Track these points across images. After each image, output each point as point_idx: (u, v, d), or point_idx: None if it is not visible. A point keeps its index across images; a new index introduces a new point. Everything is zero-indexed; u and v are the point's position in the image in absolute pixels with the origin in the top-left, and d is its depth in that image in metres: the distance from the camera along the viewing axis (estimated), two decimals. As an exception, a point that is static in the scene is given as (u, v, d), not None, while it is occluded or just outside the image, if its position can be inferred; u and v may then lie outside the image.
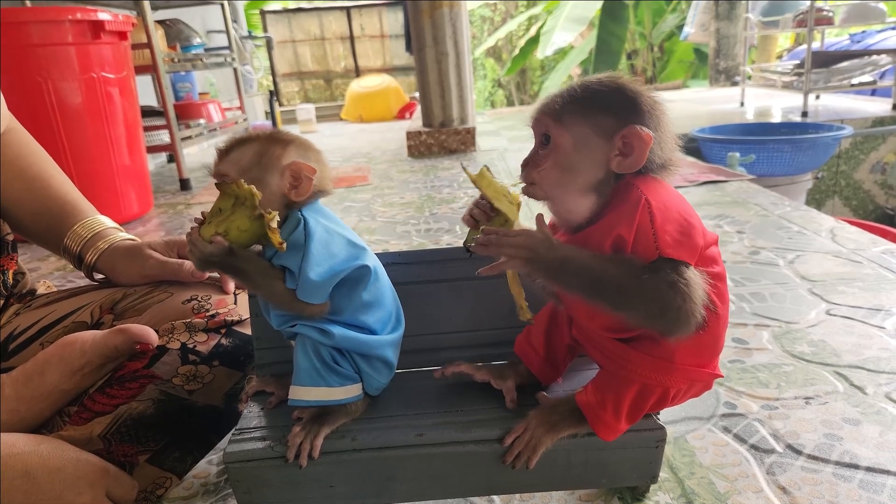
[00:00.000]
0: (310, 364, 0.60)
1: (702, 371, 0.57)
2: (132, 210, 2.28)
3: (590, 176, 0.53)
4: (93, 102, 2.06)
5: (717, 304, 0.54)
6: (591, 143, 0.53)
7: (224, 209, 0.57)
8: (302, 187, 0.59)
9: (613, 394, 0.58)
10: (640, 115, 0.53)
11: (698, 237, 0.52)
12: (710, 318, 0.52)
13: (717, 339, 0.57)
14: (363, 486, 0.62)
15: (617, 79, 0.54)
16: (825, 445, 0.75)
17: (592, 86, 0.54)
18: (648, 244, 0.50)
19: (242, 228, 0.56)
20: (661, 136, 0.53)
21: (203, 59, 3.29)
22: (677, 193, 0.56)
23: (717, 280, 0.55)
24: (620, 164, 0.52)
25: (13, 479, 0.55)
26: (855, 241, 1.47)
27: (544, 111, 0.55)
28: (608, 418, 0.58)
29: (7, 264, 0.78)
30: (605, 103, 0.53)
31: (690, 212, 0.54)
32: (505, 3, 11.34)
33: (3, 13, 1.96)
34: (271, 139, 0.61)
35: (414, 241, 1.76)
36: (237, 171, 0.59)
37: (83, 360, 0.65)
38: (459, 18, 3.17)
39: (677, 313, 0.49)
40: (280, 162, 0.59)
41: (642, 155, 0.52)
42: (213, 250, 0.56)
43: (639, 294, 0.49)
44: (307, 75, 6.88)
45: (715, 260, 0.55)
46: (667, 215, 0.51)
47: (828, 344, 0.99)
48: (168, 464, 0.67)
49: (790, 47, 6.21)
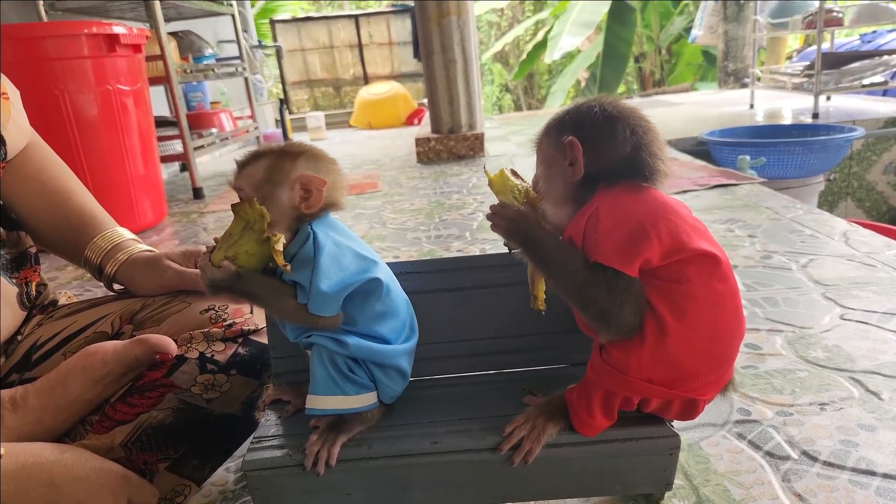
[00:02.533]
0: (326, 373, 0.61)
1: (663, 390, 0.56)
2: (146, 219, 2.31)
3: (558, 188, 0.60)
4: (108, 114, 2.09)
5: (665, 320, 0.53)
6: (550, 158, 0.60)
7: (234, 234, 0.58)
8: (312, 199, 0.59)
9: (586, 394, 0.60)
10: (584, 126, 0.58)
11: (647, 247, 0.53)
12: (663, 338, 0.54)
13: (678, 359, 0.55)
14: (379, 493, 0.63)
15: (584, 101, 0.60)
16: (841, 452, 0.74)
17: (564, 110, 0.61)
18: (591, 247, 0.55)
19: (251, 252, 0.58)
20: (615, 142, 0.57)
21: (215, 69, 3.33)
22: (664, 206, 0.56)
23: (678, 297, 0.54)
24: (573, 174, 0.58)
25: (38, 487, 0.56)
26: (869, 244, 1.46)
27: (533, 142, 0.64)
28: (583, 415, 0.60)
29: (30, 276, 0.80)
30: (564, 123, 0.59)
31: (661, 221, 0.54)
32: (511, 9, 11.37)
33: (21, 29, 2.00)
34: (282, 152, 0.62)
35: (424, 247, 1.77)
36: (250, 185, 0.60)
37: (105, 370, 0.66)
38: (467, 25, 3.18)
39: (600, 313, 0.54)
40: (290, 175, 0.60)
41: (579, 162, 0.57)
42: (220, 275, 0.57)
43: (572, 284, 0.55)
44: (316, 83, 6.93)
45: (685, 277, 0.54)
46: (618, 224, 0.55)
47: (842, 349, 0.99)
48: (187, 472, 0.69)
49: (800, 48, 6.17)
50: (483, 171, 0.67)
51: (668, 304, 0.54)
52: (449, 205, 2.28)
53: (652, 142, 0.58)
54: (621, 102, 0.59)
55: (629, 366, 0.56)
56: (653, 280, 0.54)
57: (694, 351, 0.55)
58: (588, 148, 0.57)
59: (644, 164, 0.57)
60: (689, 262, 0.54)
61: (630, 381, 0.56)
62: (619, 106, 0.59)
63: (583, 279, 0.54)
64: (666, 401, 0.58)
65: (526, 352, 0.73)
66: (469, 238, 1.83)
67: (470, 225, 1.97)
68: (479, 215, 2.08)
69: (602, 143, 0.57)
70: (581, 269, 0.55)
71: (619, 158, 0.57)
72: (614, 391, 0.58)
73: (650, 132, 0.58)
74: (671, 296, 0.54)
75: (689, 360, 0.55)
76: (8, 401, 0.64)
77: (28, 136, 0.85)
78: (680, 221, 0.55)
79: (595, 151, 0.57)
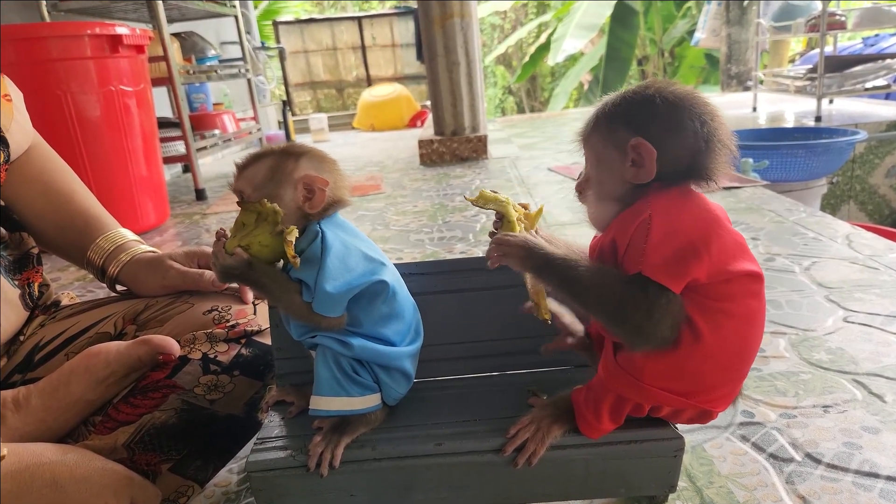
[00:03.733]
0: (330, 374, 0.61)
1: (676, 398, 0.56)
2: (149, 220, 2.31)
3: (611, 188, 0.56)
4: (111, 115, 2.10)
5: (704, 337, 0.52)
6: (606, 156, 0.56)
7: (247, 224, 0.58)
8: (315, 199, 0.60)
9: (595, 397, 0.59)
10: (651, 123, 0.53)
11: (696, 266, 0.51)
12: (687, 348, 0.53)
13: (700, 372, 0.55)
14: (383, 495, 0.63)
15: (644, 87, 0.55)
16: (845, 454, 0.74)
17: (616, 100, 0.56)
18: (635, 257, 0.52)
19: (264, 243, 0.58)
20: (685, 141, 0.53)
21: (217, 70, 3.34)
22: (713, 216, 0.54)
23: (718, 315, 0.53)
24: (636, 175, 0.54)
25: (41, 488, 0.56)
26: (871, 247, 1.46)
27: (581, 132, 0.59)
28: (590, 418, 0.60)
29: (33, 277, 0.80)
30: (619, 116, 0.55)
31: (711, 238, 0.52)
32: (515, 11, 11.39)
33: (23, 29, 2.00)
34: (284, 153, 0.62)
35: (427, 249, 1.77)
36: (252, 187, 0.60)
37: (108, 371, 0.66)
38: (470, 28, 3.19)
39: (634, 328, 0.52)
40: (293, 175, 0.60)
41: (651, 166, 0.53)
42: (233, 262, 0.58)
43: (602, 301, 0.53)
44: (319, 85, 6.95)
45: (728, 296, 0.53)
46: (669, 236, 0.51)
47: (846, 352, 0.99)
48: (190, 472, 0.69)
49: (802, 51, 6.17)
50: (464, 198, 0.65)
51: (707, 319, 0.52)
52: (452, 207, 2.28)
53: (723, 134, 0.54)
54: (681, 88, 0.54)
55: (647, 373, 0.55)
56: (694, 295, 0.52)
57: (718, 365, 0.55)
58: (655, 147, 0.53)
59: (711, 165, 0.54)
60: (733, 281, 0.53)
61: (646, 388, 0.55)
62: (681, 94, 0.54)
63: (619, 295, 0.52)
64: (677, 409, 0.58)
65: (529, 353, 0.73)
66: (472, 240, 1.83)
67: (473, 227, 1.97)
68: (482, 218, 2.08)
69: (670, 143, 0.53)
70: (616, 284, 0.52)
71: (688, 158, 0.53)
72: (627, 396, 0.57)
73: (718, 121, 0.54)
74: (710, 312, 0.52)
75: (711, 374, 0.55)
76: (10, 401, 0.64)
77: (31, 137, 0.85)
78: (728, 237, 0.53)
79: (662, 151, 0.53)
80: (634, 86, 0.56)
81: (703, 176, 0.54)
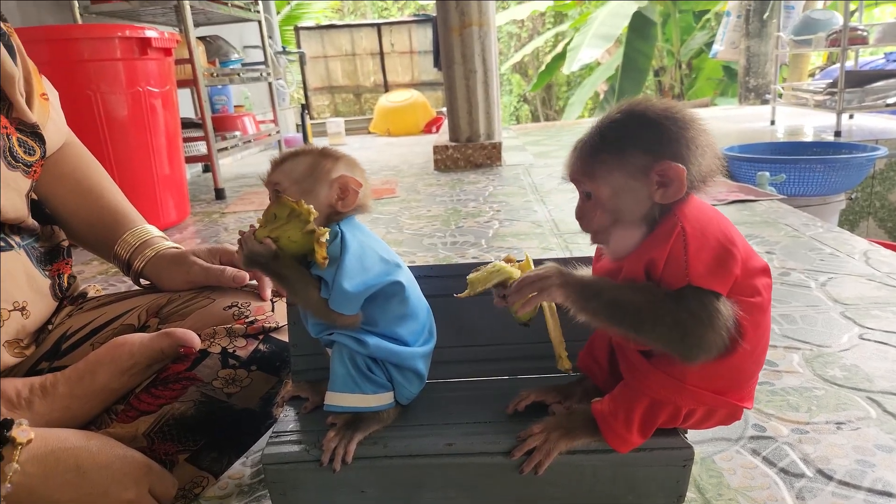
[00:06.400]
0: (346, 371, 0.62)
1: (717, 398, 0.57)
2: (170, 217, 2.35)
3: (637, 212, 0.55)
4: (137, 115, 2.14)
5: (748, 334, 0.54)
6: (628, 186, 0.54)
7: (279, 217, 0.60)
8: (348, 199, 0.62)
9: (626, 405, 0.59)
10: (669, 144, 0.53)
11: (735, 266, 0.52)
12: (739, 348, 0.53)
13: (741, 369, 0.56)
14: (393, 492, 0.64)
15: (636, 108, 0.55)
16: (857, 472, 0.74)
17: (613, 126, 0.55)
18: (679, 270, 0.52)
19: (293, 239, 0.59)
20: (697, 154, 0.54)
21: (240, 73, 3.39)
22: (720, 216, 0.56)
23: (755, 311, 0.54)
24: (664, 196, 0.54)
25: (65, 472, 0.58)
26: (889, 264, 1.45)
27: (576, 171, 0.57)
28: (619, 429, 0.59)
29: (62, 269, 0.83)
30: (631, 143, 0.54)
31: (733, 237, 0.54)
32: (532, 20, 11.42)
33: (57, 30, 2.06)
34: (324, 154, 0.64)
35: (440, 254, 1.78)
36: (290, 180, 0.62)
37: (131, 362, 0.68)
38: (488, 37, 3.21)
39: (696, 341, 0.51)
40: (330, 175, 0.62)
41: (681, 185, 0.53)
42: (260, 250, 0.59)
43: (657, 320, 0.52)
44: (338, 89, 7.02)
45: (757, 290, 0.55)
46: (704, 242, 0.52)
47: (860, 369, 0.98)
48: (206, 464, 0.70)
49: (823, 65, 6.11)
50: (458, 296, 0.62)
51: (748, 318, 0.53)
52: (465, 212, 2.29)
53: (713, 144, 0.56)
54: (673, 104, 0.56)
55: (690, 374, 0.55)
56: (734, 296, 0.53)
57: (752, 359, 0.56)
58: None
59: (711, 172, 0.55)
60: (755, 276, 0.55)
61: (688, 388, 0.56)
62: (679, 110, 0.55)
63: (674, 311, 0.51)
64: (711, 410, 0.58)
65: (542, 358, 0.73)
66: (485, 245, 1.84)
67: (486, 233, 1.98)
68: (495, 223, 2.09)
69: (688, 158, 0.53)
70: (667, 301, 0.51)
71: (702, 172, 0.54)
72: (666, 400, 0.57)
73: (707, 132, 0.56)
74: (748, 308, 0.53)
75: (746, 368, 0.57)
76: (38, 388, 0.66)
77: (65, 135, 0.88)
78: (741, 236, 0.56)
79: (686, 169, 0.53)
80: (621, 110, 0.55)
81: (706, 183, 0.56)
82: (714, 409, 0.58)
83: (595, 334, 0.68)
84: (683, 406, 0.58)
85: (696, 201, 0.57)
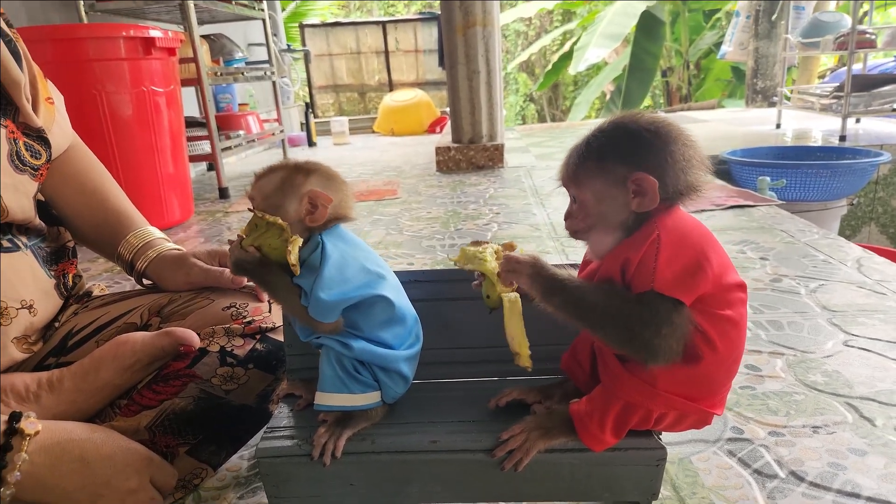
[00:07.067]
0: (333, 372, 0.65)
1: (687, 404, 0.59)
2: (174, 216, 2.39)
3: (616, 218, 0.59)
4: (142, 114, 2.18)
5: (716, 344, 0.56)
6: (608, 193, 0.58)
7: (259, 226, 0.63)
8: (317, 214, 0.64)
9: (601, 407, 0.62)
10: (646, 156, 0.57)
11: (703, 280, 0.55)
12: (707, 357, 0.56)
13: (711, 378, 0.59)
14: (380, 485, 0.67)
15: (623, 120, 0.59)
16: (828, 474, 0.77)
17: (600, 136, 0.59)
18: (646, 274, 0.55)
19: (273, 246, 0.63)
20: (676, 166, 0.57)
21: (244, 72, 3.43)
22: (703, 231, 0.59)
23: (725, 323, 0.57)
24: (640, 205, 0.57)
25: (70, 462, 0.62)
26: (882, 272, 1.47)
27: (566, 176, 0.61)
28: (594, 429, 0.62)
29: (68, 268, 0.86)
30: (612, 153, 0.58)
31: (709, 252, 0.56)
32: (539, 18, 11.41)
33: (62, 30, 2.10)
34: (296, 168, 0.66)
35: (438, 255, 1.81)
36: (261, 195, 0.65)
37: (134, 359, 0.72)
38: (492, 37, 3.23)
39: (643, 345, 0.55)
40: (300, 190, 0.64)
41: (654, 196, 0.56)
42: (246, 258, 0.63)
43: (611, 320, 0.56)
44: (342, 88, 7.05)
45: (729, 303, 0.57)
46: (677, 252, 0.55)
47: (842, 375, 1.01)
48: (204, 456, 0.74)
49: (834, 66, 6.09)
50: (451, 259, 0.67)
51: (717, 328, 0.57)
52: (465, 214, 2.32)
53: (701, 155, 0.59)
54: (657, 117, 0.59)
55: (661, 380, 0.58)
56: (703, 307, 0.56)
57: (722, 369, 0.59)
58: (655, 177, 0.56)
59: (697, 183, 0.58)
60: (729, 291, 0.58)
61: (659, 393, 0.59)
62: (661, 123, 0.58)
63: (626, 313, 0.55)
64: (682, 415, 0.61)
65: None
66: (483, 248, 1.86)
67: (484, 235, 2.01)
68: (493, 226, 2.12)
69: (665, 170, 0.56)
70: (624, 303, 0.55)
71: (679, 181, 0.57)
72: (638, 403, 0.60)
73: (694, 144, 0.59)
74: (718, 321, 0.57)
75: (717, 377, 0.60)
76: (46, 382, 0.70)
77: (70, 138, 0.91)
78: (721, 252, 0.58)
79: (660, 179, 0.56)
80: (610, 122, 0.59)
81: (692, 194, 0.59)
82: (684, 414, 0.61)
83: (578, 338, 0.71)
84: (654, 410, 0.60)
85: (680, 213, 0.59)
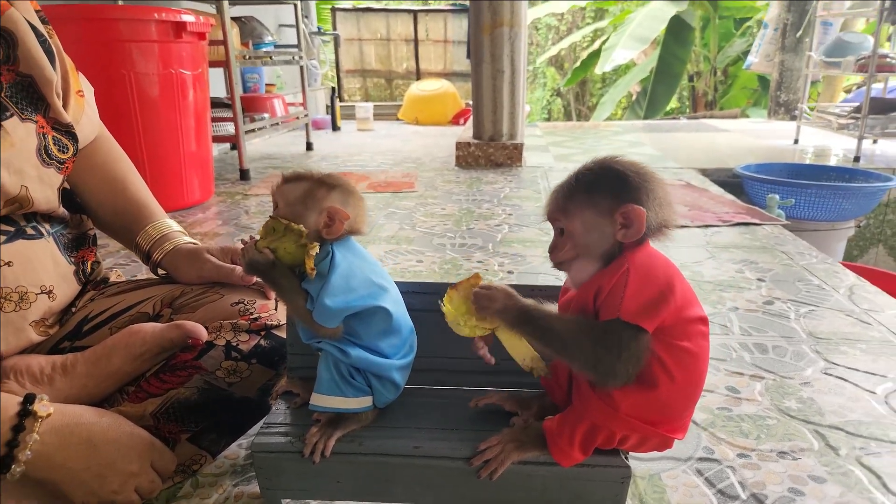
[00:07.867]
0: (330, 376, 0.70)
1: (647, 427, 0.64)
2: (194, 197, 2.46)
3: (600, 248, 0.64)
4: (169, 96, 2.24)
5: (673, 373, 0.61)
6: (596, 223, 0.63)
7: (277, 230, 0.68)
8: (334, 228, 0.68)
9: (570, 425, 0.66)
10: (631, 192, 0.63)
11: (665, 309, 0.60)
12: (663, 385, 0.61)
13: (670, 405, 0.64)
14: (365, 484, 0.72)
15: (606, 162, 0.65)
16: (786, 499, 0.81)
17: (587, 174, 0.65)
18: (614, 303, 0.60)
19: (288, 251, 0.68)
20: (654, 203, 0.63)
21: (272, 56, 3.47)
22: (669, 266, 0.64)
23: (682, 354, 0.62)
24: (625, 235, 0.63)
25: (78, 444, 0.67)
26: (871, 301, 1.49)
27: (553, 210, 0.66)
28: (564, 445, 0.67)
29: (87, 255, 0.91)
30: (599, 187, 0.64)
31: (674, 285, 0.61)
32: (572, 14, 11.29)
33: (96, 9, 2.15)
34: (320, 182, 0.70)
35: (447, 255, 1.86)
36: (285, 202, 0.70)
37: (144, 348, 0.77)
38: (518, 38, 3.24)
39: (607, 369, 0.60)
40: (321, 203, 0.69)
41: (641, 226, 0.62)
42: (260, 259, 0.67)
43: (577, 348, 0.61)
44: (370, 73, 7.07)
45: (688, 335, 0.62)
46: (643, 285, 0.61)
47: (815, 402, 1.04)
48: (205, 444, 0.79)
49: (860, 83, 5.99)
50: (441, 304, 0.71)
51: (675, 358, 0.61)
52: (478, 213, 2.35)
53: (670, 200, 0.64)
54: (639, 163, 0.65)
55: (623, 404, 0.63)
56: (663, 336, 0.61)
57: (682, 397, 0.64)
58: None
59: (668, 223, 0.64)
60: (690, 324, 0.63)
61: (620, 417, 0.63)
62: (643, 167, 0.64)
63: (592, 340, 0.60)
64: (644, 437, 0.66)
65: (512, 373, 0.80)
66: (491, 250, 1.90)
67: (494, 237, 2.05)
68: (504, 227, 2.16)
69: (647, 206, 0.62)
70: (591, 330, 0.60)
71: (657, 219, 0.63)
72: (602, 425, 0.65)
73: (665, 186, 0.64)
74: (677, 351, 0.61)
75: (676, 404, 0.64)
76: (60, 366, 0.75)
77: (97, 128, 0.95)
78: (685, 287, 0.63)
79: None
80: (595, 162, 0.65)
81: (664, 230, 0.64)
82: (646, 436, 0.66)
83: (558, 360, 0.75)
84: (617, 431, 0.65)
85: (650, 250, 0.65)
